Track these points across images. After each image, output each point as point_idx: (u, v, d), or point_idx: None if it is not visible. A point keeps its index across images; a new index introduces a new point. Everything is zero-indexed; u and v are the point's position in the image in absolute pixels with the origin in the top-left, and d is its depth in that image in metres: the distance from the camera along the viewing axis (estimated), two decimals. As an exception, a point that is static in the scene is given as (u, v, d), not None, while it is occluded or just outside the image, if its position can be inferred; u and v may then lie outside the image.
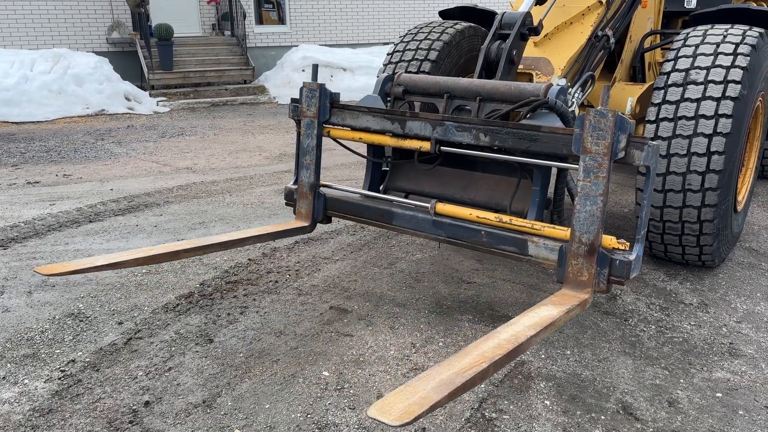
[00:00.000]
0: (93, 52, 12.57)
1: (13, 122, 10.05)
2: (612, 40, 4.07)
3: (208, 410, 2.51)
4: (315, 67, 3.36)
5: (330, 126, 3.33)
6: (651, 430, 2.43)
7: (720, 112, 3.33)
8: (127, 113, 11.18)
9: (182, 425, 2.42)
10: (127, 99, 11.63)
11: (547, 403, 2.59)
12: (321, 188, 3.38)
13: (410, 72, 4.39)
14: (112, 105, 11.23)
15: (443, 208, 3.04)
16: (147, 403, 2.55)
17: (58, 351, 2.96)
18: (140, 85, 12.59)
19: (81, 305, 3.41)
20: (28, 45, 12.55)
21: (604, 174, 2.50)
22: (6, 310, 3.36)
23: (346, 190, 3.38)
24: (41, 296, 3.53)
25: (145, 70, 12.53)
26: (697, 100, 3.39)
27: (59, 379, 2.72)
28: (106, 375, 2.75)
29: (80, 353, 2.93)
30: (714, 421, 2.49)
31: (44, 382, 2.70)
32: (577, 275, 2.62)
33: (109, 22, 13.33)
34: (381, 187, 3.53)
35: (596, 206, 2.53)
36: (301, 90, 3.32)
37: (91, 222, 4.88)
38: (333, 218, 3.45)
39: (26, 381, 2.71)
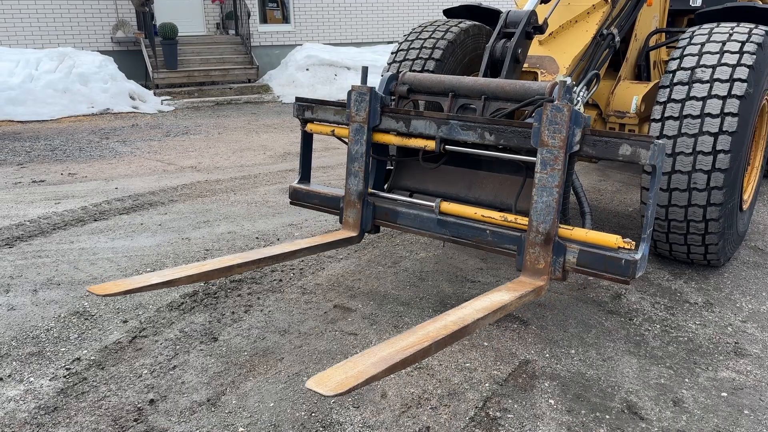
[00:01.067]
0: (98, 51, 12.61)
1: (18, 121, 10.08)
2: (617, 38, 4.06)
3: (213, 408, 2.51)
4: (365, 70, 3.21)
5: (379, 132, 3.19)
6: (656, 429, 2.43)
7: (726, 110, 3.32)
8: (131, 112, 11.20)
9: (187, 423, 2.42)
10: (132, 98, 11.66)
11: (552, 402, 2.58)
12: (369, 197, 3.26)
13: (415, 71, 4.39)
14: (116, 104, 11.25)
15: (448, 207, 3.04)
16: (152, 402, 2.56)
17: (63, 349, 2.96)
18: (145, 84, 12.62)
19: (86, 303, 3.42)
20: (33, 44, 12.58)
21: (560, 166, 2.62)
22: (12, 309, 3.37)
23: (395, 199, 3.27)
24: (46, 294, 3.54)
25: (150, 69, 12.55)
26: (703, 99, 3.38)
27: (64, 377, 2.73)
28: (111, 373, 2.76)
29: (85, 351, 2.94)
30: (719, 420, 2.49)
31: (49, 380, 2.71)
32: (534, 263, 2.73)
33: (114, 21, 13.36)
34: (385, 186, 3.53)
35: (552, 197, 2.65)
36: (349, 93, 3.16)
37: (96, 221, 4.90)
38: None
39: (32, 379, 2.72)
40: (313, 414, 2.48)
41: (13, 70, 10.77)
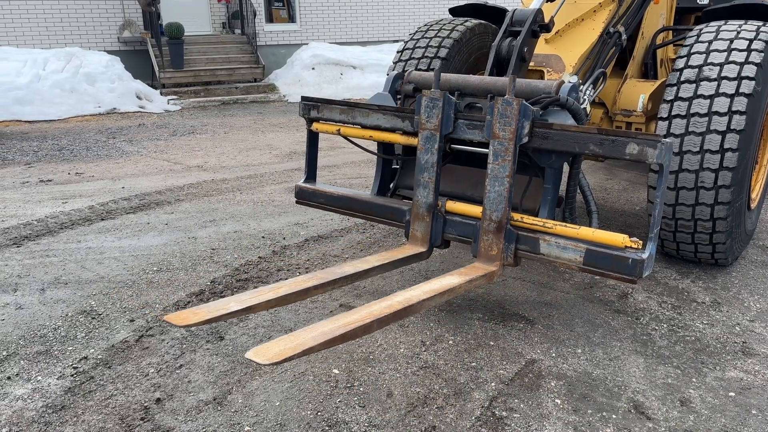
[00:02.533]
0: (105, 51, 12.66)
1: (26, 121, 10.13)
2: (624, 36, 4.04)
3: (219, 408, 2.52)
4: (438, 74, 3.03)
5: (451, 141, 3.04)
6: (663, 429, 2.42)
7: (733, 108, 3.30)
8: (138, 112, 11.24)
9: (193, 422, 2.43)
10: (139, 98, 11.70)
11: (558, 401, 2.58)
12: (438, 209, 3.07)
13: (420, 70, 4.38)
14: (123, 103, 11.29)
15: (453, 206, 3.03)
16: (158, 400, 2.56)
17: (70, 348, 2.98)
18: (151, 84, 12.66)
19: (93, 303, 3.44)
20: (40, 44, 12.64)
21: (510, 157, 2.74)
22: (19, 308, 3.39)
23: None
24: (54, 294, 3.56)
25: (156, 68, 12.59)
26: (711, 97, 3.36)
27: (72, 375, 2.74)
28: (118, 372, 2.77)
29: (92, 350, 2.95)
30: (727, 420, 2.47)
31: (57, 378, 2.72)
32: (488, 250, 2.87)
33: (121, 21, 13.41)
34: (391, 185, 3.53)
35: (503, 186, 2.78)
36: (419, 99, 2.99)
37: (103, 220, 4.92)
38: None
39: (39, 378, 2.73)
40: (319, 413, 2.49)
41: (20, 70, 10.82)
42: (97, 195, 5.66)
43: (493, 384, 2.68)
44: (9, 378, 2.73)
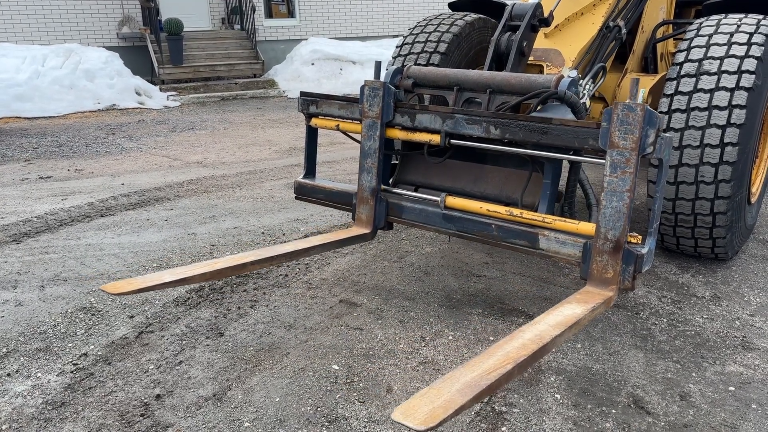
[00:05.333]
0: (104, 47, 12.63)
1: (25, 117, 10.12)
2: (624, 30, 4.02)
3: (219, 404, 2.52)
4: (378, 64, 3.17)
5: (392, 127, 3.14)
6: (662, 423, 2.42)
7: (734, 102, 3.29)
8: (137, 108, 11.23)
9: (193, 418, 2.43)
10: (138, 94, 11.68)
11: (558, 396, 2.58)
12: (382, 193, 3.22)
13: (420, 64, 4.37)
14: (122, 100, 11.28)
15: (453, 201, 3.03)
16: (158, 397, 2.57)
17: (70, 344, 2.98)
18: (150, 80, 12.64)
19: (93, 299, 3.44)
20: (39, 40, 12.62)
21: (632, 169, 2.48)
22: (19, 304, 3.39)
23: (411, 196, 3.23)
24: (54, 290, 3.56)
25: (156, 64, 12.56)
26: (711, 91, 3.35)
27: (71, 372, 2.74)
28: (118, 368, 2.77)
29: (92, 347, 2.95)
30: (726, 415, 2.47)
31: (57, 375, 2.73)
32: (602, 272, 2.57)
33: (120, 17, 13.38)
34: (390, 181, 3.52)
35: (623, 202, 2.51)
36: (362, 88, 3.13)
37: (102, 216, 4.91)
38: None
39: (39, 374, 2.74)
40: (318, 409, 2.49)
41: (19, 67, 10.80)
42: (97, 191, 5.66)
43: (492, 379, 2.68)
44: (9, 375, 2.73)
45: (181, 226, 4.68)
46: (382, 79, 3.21)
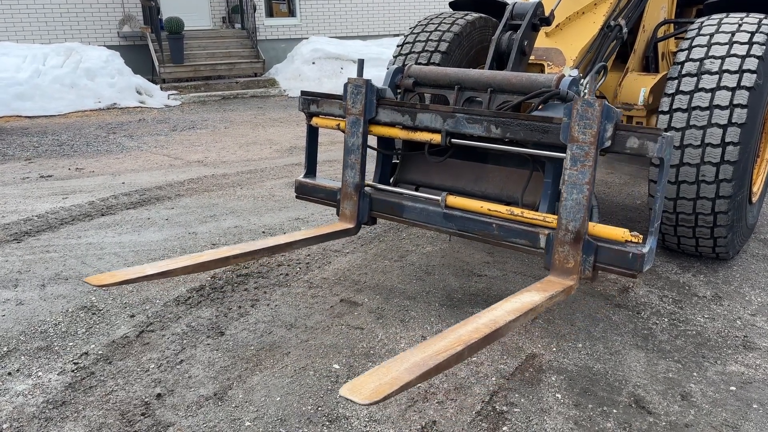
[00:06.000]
0: (104, 46, 12.63)
1: (26, 116, 10.12)
2: (625, 29, 4.02)
3: (220, 403, 2.52)
4: (361, 62, 3.24)
5: (375, 124, 3.18)
6: (664, 423, 2.41)
7: (735, 102, 3.29)
8: (138, 107, 11.23)
9: (194, 417, 2.43)
10: (139, 93, 11.68)
11: (559, 396, 2.57)
12: (366, 188, 3.28)
13: (420, 64, 4.37)
14: (123, 99, 11.28)
15: (454, 200, 3.02)
16: (159, 396, 2.57)
17: (71, 343, 2.98)
18: (151, 79, 12.63)
19: (93, 298, 3.44)
20: (40, 39, 12.62)
21: (591, 163, 2.56)
22: (20, 303, 3.39)
23: (394, 191, 3.27)
24: (54, 289, 3.56)
25: (156, 63, 12.56)
26: (712, 90, 3.35)
27: (72, 371, 2.75)
28: (119, 367, 2.77)
29: (93, 346, 2.96)
30: (728, 414, 2.47)
31: (57, 374, 2.73)
32: (563, 262, 2.67)
33: (120, 16, 13.38)
34: (391, 180, 3.52)
35: (583, 194, 2.59)
36: (345, 86, 3.19)
37: (103, 215, 4.92)
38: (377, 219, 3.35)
39: (40, 373, 2.74)
40: (319, 408, 2.49)
41: (20, 66, 10.80)
42: (98, 190, 5.66)
43: (493, 379, 2.68)
44: (9, 374, 2.73)
45: (181, 225, 4.68)
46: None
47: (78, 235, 4.45)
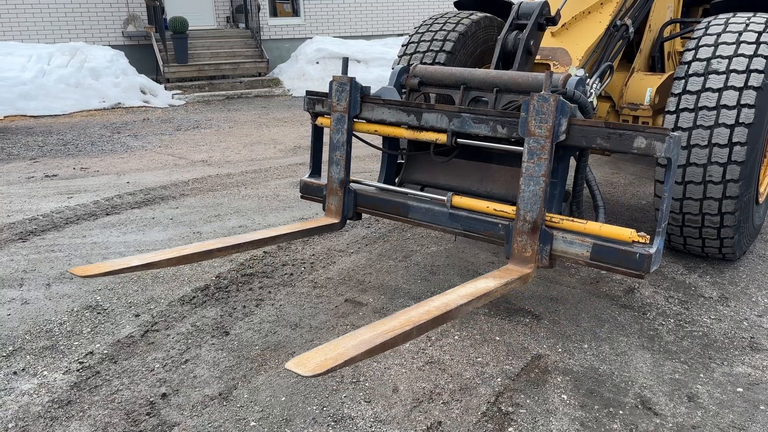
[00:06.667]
0: (109, 45, 12.65)
1: (31, 116, 10.14)
2: (631, 29, 4.00)
3: (225, 403, 2.52)
4: (345, 61, 3.30)
5: (358, 120, 3.25)
6: (670, 425, 2.40)
7: (742, 102, 3.27)
8: (142, 106, 11.24)
9: (199, 417, 2.43)
10: (143, 92, 11.70)
11: (564, 397, 2.56)
12: (351, 184, 3.32)
13: (426, 63, 4.36)
14: (128, 98, 11.29)
15: (459, 200, 3.02)
16: (164, 395, 2.56)
17: (76, 343, 2.98)
18: (155, 78, 12.65)
19: (99, 297, 3.44)
20: (45, 39, 12.64)
21: (546, 156, 2.64)
22: (25, 302, 3.39)
23: (379, 187, 3.30)
24: (60, 289, 3.56)
25: (161, 63, 12.58)
26: (719, 90, 3.33)
27: (78, 370, 2.75)
28: (124, 367, 2.77)
29: (98, 345, 2.96)
30: (735, 416, 2.46)
31: (63, 373, 2.73)
32: (522, 251, 2.76)
33: (125, 15, 13.40)
34: (396, 180, 3.51)
35: (539, 186, 2.68)
36: (330, 84, 3.24)
37: (108, 215, 4.92)
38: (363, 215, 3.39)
39: (45, 373, 2.74)
40: (324, 408, 2.48)
41: (25, 65, 10.83)
42: (102, 190, 5.67)
43: (499, 379, 2.67)
44: (15, 373, 2.74)
45: (186, 224, 4.68)
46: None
47: (83, 235, 4.46)
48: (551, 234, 2.69)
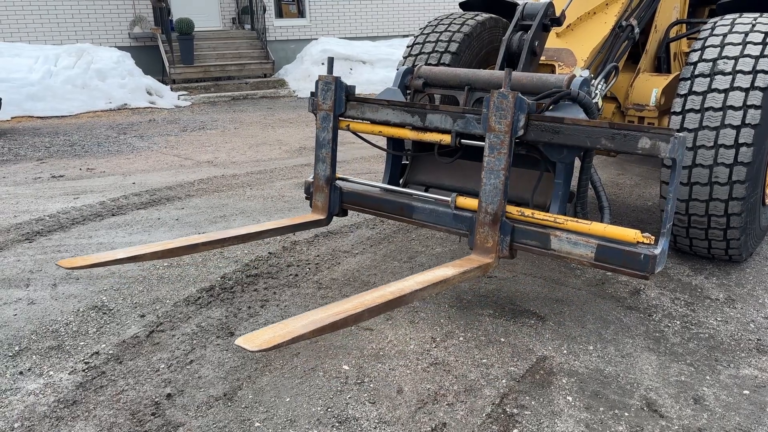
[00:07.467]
0: (115, 46, 12.71)
1: (38, 117, 10.20)
2: (636, 30, 3.99)
3: (229, 403, 2.52)
4: (330, 60, 3.36)
5: (347, 119, 3.31)
6: (676, 427, 2.39)
7: (748, 102, 3.25)
8: (148, 107, 11.29)
9: (203, 418, 2.43)
10: (149, 93, 11.74)
11: (570, 399, 2.56)
12: (337, 181, 3.38)
13: (430, 64, 4.36)
14: (134, 99, 11.34)
15: (464, 201, 3.01)
16: (169, 396, 2.57)
17: (82, 343, 2.99)
18: (162, 80, 12.69)
19: (104, 298, 3.45)
20: (52, 40, 12.71)
21: (506, 150, 2.73)
22: (31, 303, 3.41)
23: (363, 183, 3.37)
24: (66, 289, 3.58)
25: (167, 64, 12.62)
26: (725, 91, 3.32)
27: (83, 371, 2.76)
28: (129, 367, 2.78)
29: (104, 345, 2.97)
30: (741, 419, 2.44)
31: (68, 373, 2.74)
32: (484, 242, 2.87)
33: (131, 17, 13.46)
34: (401, 181, 3.51)
35: (499, 179, 2.77)
36: (316, 83, 3.30)
37: (114, 215, 4.94)
38: (350, 212, 3.45)
39: (51, 373, 2.75)
40: (329, 409, 2.48)
41: (32, 66, 10.89)
42: (108, 190, 5.69)
43: (504, 381, 2.67)
44: (21, 373, 2.75)
45: (191, 225, 4.69)
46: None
47: (89, 235, 4.48)
48: (511, 226, 2.80)
